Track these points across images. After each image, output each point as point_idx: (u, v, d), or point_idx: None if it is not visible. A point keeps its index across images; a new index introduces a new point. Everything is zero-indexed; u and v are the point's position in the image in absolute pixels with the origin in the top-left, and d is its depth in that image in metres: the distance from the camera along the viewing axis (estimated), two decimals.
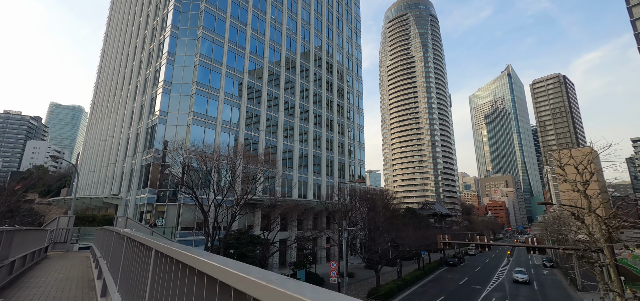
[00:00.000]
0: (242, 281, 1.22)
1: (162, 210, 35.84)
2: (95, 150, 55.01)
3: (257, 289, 1.08)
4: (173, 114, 38.90)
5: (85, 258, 13.55)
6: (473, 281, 40.45)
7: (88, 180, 55.02)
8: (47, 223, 16.78)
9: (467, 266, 55.72)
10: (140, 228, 16.61)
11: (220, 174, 29.59)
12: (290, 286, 1.02)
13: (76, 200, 44.96)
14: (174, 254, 2.21)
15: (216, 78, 42.12)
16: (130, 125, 43.33)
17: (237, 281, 1.26)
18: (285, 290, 0.97)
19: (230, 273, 1.35)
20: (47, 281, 7.32)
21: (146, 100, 41.39)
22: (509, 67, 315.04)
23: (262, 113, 47.02)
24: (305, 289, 0.99)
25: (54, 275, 8.25)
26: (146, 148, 38.71)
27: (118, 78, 53.13)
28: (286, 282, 1.10)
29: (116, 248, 5.48)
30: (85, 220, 26.90)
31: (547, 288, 36.84)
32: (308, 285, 1.06)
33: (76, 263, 11.54)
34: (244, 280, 1.20)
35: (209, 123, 39.99)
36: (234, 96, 44.02)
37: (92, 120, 64.59)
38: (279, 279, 1.14)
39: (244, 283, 1.20)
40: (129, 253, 4.10)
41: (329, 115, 59.44)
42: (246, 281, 1.19)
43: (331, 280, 23.19)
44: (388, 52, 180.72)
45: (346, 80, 66.79)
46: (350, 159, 62.50)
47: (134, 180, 37.81)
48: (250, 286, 1.14)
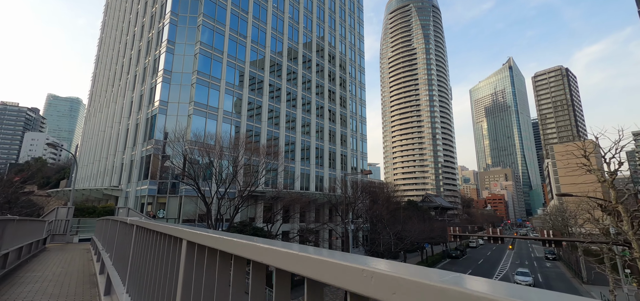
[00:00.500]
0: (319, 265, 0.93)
1: (163, 202, 35.25)
2: (94, 142, 54.20)
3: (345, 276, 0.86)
4: (173, 104, 38.05)
5: (86, 250, 12.94)
6: (477, 274, 40.07)
7: (87, 172, 54.32)
8: (46, 214, 16.14)
9: (469, 259, 55.56)
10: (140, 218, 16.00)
11: (223, 165, 28.92)
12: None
13: (75, 191, 44.41)
14: (219, 244, 1.58)
15: (217, 68, 41.17)
16: (130, 115, 42.48)
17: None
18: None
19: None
20: (44, 276, 6.68)
21: (145, 90, 40.48)
22: (510, 60, 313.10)
23: (264, 104, 46.18)
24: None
25: (52, 268, 7.61)
26: (146, 139, 37.94)
27: (116, 68, 52.07)
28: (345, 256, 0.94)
29: (123, 240, 4.80)
30: (85, 212, 26.29)
31: (552, 281, 36.59)
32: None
33: (76, 255, 10.91)
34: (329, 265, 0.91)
35: (210, 114, 39.18)
36: (236, 86, 43.13)
37: (90, 111, 63.62)
38: (342, 256, 0.96)
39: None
40: (143, 246, 3.41)
41: (331, 106, 58.60)
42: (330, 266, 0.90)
43: None
44: (389, 44, 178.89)
45: (349, 71, 65.78)
46: (352, 151, 61.86)
47: (134, 171, 37.13)
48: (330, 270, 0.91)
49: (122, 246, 4.80)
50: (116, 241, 5.21)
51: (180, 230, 2.15)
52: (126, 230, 4.61)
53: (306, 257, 1.00)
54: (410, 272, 0.71)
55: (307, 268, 0.98)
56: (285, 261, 1.10)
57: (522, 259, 56.51)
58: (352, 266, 0.81)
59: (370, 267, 0.77)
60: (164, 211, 34.75)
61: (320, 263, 0.93)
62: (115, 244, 5.39)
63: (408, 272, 0.70)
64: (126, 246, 4.36)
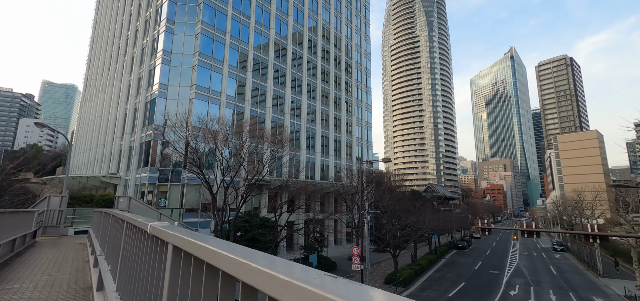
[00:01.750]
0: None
1: (165, 190, 33.59)
2: (90, 127, 52.10)
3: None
4: (174, 87, 36.01)
5: (82, 245, 11.28)
6: (488, 265, 39.11)
7: (84, 159, 52.40)
8: (36, 203, 14.42)
9: (476, 250, 54.64)
10: (144, 209, 14.34)
11: (229, 152, 27.17)
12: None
13: (72, 179, 42.58)
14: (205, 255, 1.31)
15: (219, 50, 38.97)
16: (127, 99, 40.38)
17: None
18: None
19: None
20: (23, 288, 5.01)
21: (144, 72, 38.32)
22: (512, 49, 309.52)
23: (269, 89, 44.15)
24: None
25: (35, 276, 5.92)
26: (145, 124, 36.02)
27: (112, 49, 49.59)
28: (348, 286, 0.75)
29: (130, 251, 3.15)
30: (82, 200, 24.59)
31: (567, 274, 35.55)
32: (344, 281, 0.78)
33: (69, 253, 9.24)
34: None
35: (212, 98, 37.20)
36: (239, 69, 41.01)
37: (86, 96, 61.25)
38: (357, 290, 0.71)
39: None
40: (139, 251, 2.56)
41: (337, 92, 56.59)
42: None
43: (354, 266, 21.29)
44: (392, 32, 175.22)
45: (355, 59, 63.51)
46: (358, 140, 60.16)
47: (134, 158, 35.32)
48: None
49: (129, 259, 3.13)
50: (122, 252, 3.54)
51: (167, 234, 1.83)
52: (120, 228, 3.02)
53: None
54: None
55: None
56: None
57: (529, 250, 55.68)
58: None
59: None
60: (165, 200, 33.13)
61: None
62: (121, 253, 3.72)
63: None
64: (133, 256, 2.75)
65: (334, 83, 56.28)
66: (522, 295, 25.89)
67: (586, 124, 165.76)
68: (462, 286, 28.27)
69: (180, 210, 24.94)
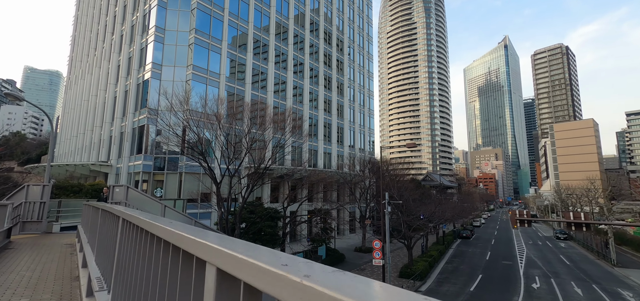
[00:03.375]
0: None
1: (161, 179, 31.08)
2: (77, 112, 48.62)
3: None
4: (168, 68, 33.09)
5: (69, 247, 8.98)
6: (498, 256, 38.02)
7: (71, 146, 49.07)
8: (11, 194, 11.95)
9: (479, 239, 53.88)
10: (145, 201, 12.03)
11: (236, 137, 24.76)
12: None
13: (58, 167, 39.53)
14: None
15: (218, 27, 35.99)
16: (117, 81, 37.21)
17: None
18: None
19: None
20: None
21: (134, 51, 35.16)
22: (505, 39, 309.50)
23: (270, 71, 41.45)
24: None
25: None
26: (138, 107, 33.15)
27: (98, 28, 45.86)
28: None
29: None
30: (69, 190, 22.01)
31: (580, 264, 34.68)
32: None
33: (52, 261, 6.97)
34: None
35: (211, 80, 34.44)
36: (239, 49, 38.16)
37: (71, 79, 57.30)
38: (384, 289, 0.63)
39: None
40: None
41: (339, 77, 54.13)
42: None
43: (375, 262, 19.49)
44: (388, 18, 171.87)
45: (358, 43, 60.86)
46: (360, 127, 58.13)
47: (126, 145, 32.55)
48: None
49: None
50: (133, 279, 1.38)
51: (207, 246, 1.07)
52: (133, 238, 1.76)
53: None
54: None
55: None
56: None
57: (533, 239, 55.21)
58: None
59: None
60: (162, 190, 30.66)
61: None
62: (132, 280, 1.58)
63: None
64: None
65: (337, 68, 53.76)
66: (545, 288, 24.62)
67: (579, 113, 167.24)
68: (480, 280, 26.90)
69: (183, 201, 22.61)
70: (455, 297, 22.21)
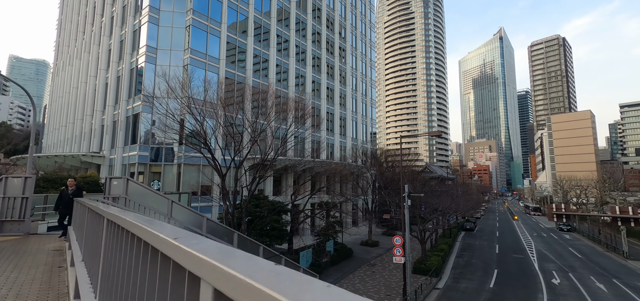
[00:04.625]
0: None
1: (158, 171, 29.09)
2: (65, 100, 45.86)
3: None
4: (164, 52, 30.79)
5: (58, 255, 7.20)
6: (507, 249, 37.14)
7: (60, 136, 46.43)
8: None
9: (483, 231, 53.23)
10: (149, 195, 10.23)
11: (234, 126, 22.87)
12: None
13: (47, 158, 37.06)
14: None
15: (216, 8, 33.65)
16: (108, 67, 34.73)
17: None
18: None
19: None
20: None
21: (127, 34, 32.67)
22: (501, 30, 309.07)
23: (271, 57, 39.33)
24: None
25: None
26: (132, 94, 30.90)
27: (87, 10, 42.90)
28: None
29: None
30: (59, 183, 19.94)
31: (592, 257, 33.96)
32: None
33: (33, 280, 5.20)
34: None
35: (210, 66, 32.24)
36: (240, 34, 35.91)
37: (58, 65, 54.17)
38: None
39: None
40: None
41: (341, 66, 52.16)
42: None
43: (396, 259, 18.04)
44: (385, 7, 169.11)
45: (360, 29, 58.74)
46: (362, 117, 56.46)
47: (119, 134, 30.36)
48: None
49: None
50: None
51: (202, 261, 0.86)
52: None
53: None
54: None
55: None
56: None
57: (537, 230, 54.76)
58: None
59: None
60: (159, 182, 28.70)
61: None
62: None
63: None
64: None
65: (339, 55, 51.74)
66: (567, 284, 23.61)
67: (575, 106, 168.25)
68: (496, 275, 25.78)
69: (188, 194, 20.78)
70: (477, 294, 21.00)
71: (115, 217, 2.30)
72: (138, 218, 1.94)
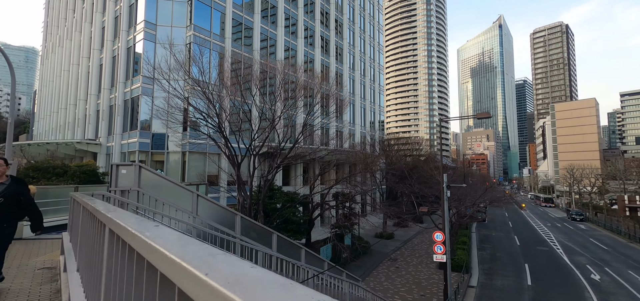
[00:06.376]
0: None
1: (161, 159, 26.65)
2: (56, 85, 42.76)
3: None
4: (164, 28, 27.94)
5: (47, 274, 4.87)
6: (528, 241, 35.56)
7: (51, 123, 43.48)
8: None
9: (494, 222, 51.85)
10: (166, 186, 7.91)
11: (255, 107, 20.46)
12: None
13: (38, 146, 34.26)
14: None
15: None
16: (102, 46, 31.77)
17: None
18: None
19: None
20: None
21: (122, 9, 29.65)
22: (500, 18, 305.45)
23: (279, 37, 36.57)
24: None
25: None
26: (129, 76, 28.16)
27: None
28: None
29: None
30: (51, 173, 17.47)
31: (619, 248, 32.50)
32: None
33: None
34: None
35: (214, 44, 29.50)
36: (245, 10, 33.05)
37: (47, 47, 50.70)
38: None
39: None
40: None
41: (351, 49, 49.45)
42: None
43: (437, 257, 16.07)
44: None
45: (368, 11, 55.78)
46: (371, 104, 54.08)
47: (117, 120, 27.73)
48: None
49: None
50: None
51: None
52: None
53: None
54: None
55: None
56: None
57: (550, 220, 53.52)
58: None
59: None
60: (162, 171, 26.25)
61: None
62: None
63: None
64: None
65: (349, 37, 48.97)
66: (607, 279, 21.94)
67: (576, 94, 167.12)
68: (529, 271, 24.05)
69: (206, 186, 18.49)
70: (517, 294, 19.20)
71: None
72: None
